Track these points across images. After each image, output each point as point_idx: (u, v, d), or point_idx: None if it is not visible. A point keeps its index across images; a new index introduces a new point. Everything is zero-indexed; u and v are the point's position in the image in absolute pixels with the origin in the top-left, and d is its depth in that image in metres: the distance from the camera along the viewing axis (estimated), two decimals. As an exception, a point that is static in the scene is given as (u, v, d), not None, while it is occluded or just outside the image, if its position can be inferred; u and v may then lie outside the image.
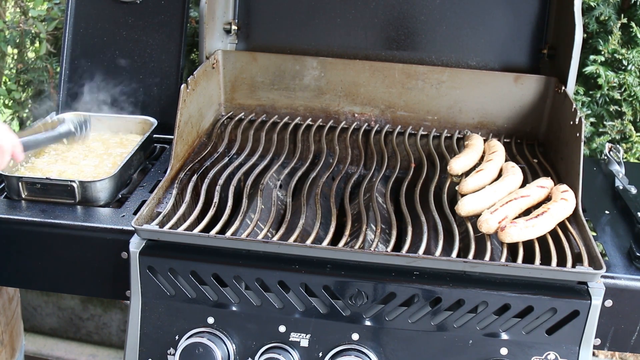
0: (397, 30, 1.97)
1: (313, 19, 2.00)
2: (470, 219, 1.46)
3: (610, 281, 1.35)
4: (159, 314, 1.34)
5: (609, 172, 1.82)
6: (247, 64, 1.95)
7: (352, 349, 1.29)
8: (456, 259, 1.30)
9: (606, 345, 1.40)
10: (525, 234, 1.36)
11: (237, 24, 2.00)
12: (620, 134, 2.27)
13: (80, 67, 1.99)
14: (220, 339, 1.32)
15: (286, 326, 1.31)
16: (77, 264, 1.50)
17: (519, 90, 1.88)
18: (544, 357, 1.28)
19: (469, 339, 1.28)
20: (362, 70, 1.92)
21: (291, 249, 1.32)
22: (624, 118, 2.22)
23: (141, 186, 1.65)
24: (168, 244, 1.35)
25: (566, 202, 1.44)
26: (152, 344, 1.35)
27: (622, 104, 2.22)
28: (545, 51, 1.90)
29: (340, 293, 1.29)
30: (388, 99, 1.94)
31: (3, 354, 1.19)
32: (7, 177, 1.55)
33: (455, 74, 1.90)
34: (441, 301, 1.27)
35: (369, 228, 1.53)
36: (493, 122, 1.92)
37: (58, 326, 3.01)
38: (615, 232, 1.55)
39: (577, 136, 1.52)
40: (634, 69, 2.16)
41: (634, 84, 2.16)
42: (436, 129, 1.92)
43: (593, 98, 2.24)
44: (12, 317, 1.22)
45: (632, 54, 2.15)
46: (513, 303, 1.25)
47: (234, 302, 1.32)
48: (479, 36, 1.94)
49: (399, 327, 1.29)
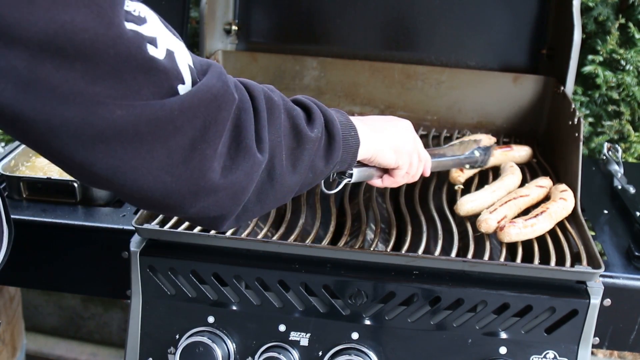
0: (396, 31, 1.98)
1: (313, 19, 2.00)
2: (469, 218, 1.47)
3: (609, 280, 1.35)
4: (160, 313, 1.35)
5: (607, 172, 1.83)
6: (247, 64, 1.95)
7: (351, 348, 1.30)
8: (455, 258, 1.31)
9: (605, 344, 1.41)
10: (524, 234, 1.37)
11: (237, 24, 2.00)
12: (619, 134, 2.27)
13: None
14: (220, 338, 1.32)
15: (286, 325, 1.31)
16: (78, 264, 1.50)
17: (518, 91, 1.89)
18: (543, 356, 1.28)
19: (468, 338, 1.29)
20: (361, 71, 1.93)
21: (291, 249, 1.32)
22: (622, 118, 2.23)
23: (142, 186, 1.65)
24: (168, 244, 1.35)
25: (565, 201, 1.45)
26: (153, 343, 1.36)
27: (620, 104, 2.22)
28: (545, 51, 1.90)
29: (340, 292, 1.29)
30: (388, 99, 1.94)
31: (4, 352, 1.20)
32: (8, 177, 1.55)
33: (455, 74, 1.90)
34: (440, 300, 1.27)
35: (369, 228, 1.53)
36: (492, 122, 1.92)
37: (59, 325, 3.01)
38: (613, 232, 1.55)
39: (576, 136, 1.53)
40: (632, 69, 2.16)
41: (632, 84, 2.17)
42: (436, 129, 1.93)
43: (591, 98, 2.24)
44: (14, 317, 1.23)
45: (630, 54, 2.15)
46: (512, 302, 1.26)
47: (234, 301, 1.33)
48: (478, 37, 1.95)
49: (399, 326, 1.29)
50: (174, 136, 0.77)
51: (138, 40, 0.74)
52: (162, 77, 0.76)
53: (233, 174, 0.86)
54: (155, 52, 0.76)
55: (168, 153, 0.78)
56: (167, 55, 0.78)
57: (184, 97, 0.78)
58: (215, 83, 0.82)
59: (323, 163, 1.03)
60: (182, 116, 0.77)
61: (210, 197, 0.86)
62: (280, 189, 0.96)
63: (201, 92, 0.80)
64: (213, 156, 0.82)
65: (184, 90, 0.79)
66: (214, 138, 0.81)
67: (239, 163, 0.86)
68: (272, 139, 0.91)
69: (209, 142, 0.81)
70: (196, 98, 0.79)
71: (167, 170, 0.79)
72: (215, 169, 0.83)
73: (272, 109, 0.92)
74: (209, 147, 0.81)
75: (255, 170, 0.88)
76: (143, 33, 0.75)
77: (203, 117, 0.79)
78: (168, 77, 0.77)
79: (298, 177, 0.98)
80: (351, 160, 1.11)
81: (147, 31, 0.76)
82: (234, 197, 0.89)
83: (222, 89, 0.82)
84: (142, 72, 0.74)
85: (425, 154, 1.34)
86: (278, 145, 0.93)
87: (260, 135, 0.89)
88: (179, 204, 0.85)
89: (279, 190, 0.96)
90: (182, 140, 0.78)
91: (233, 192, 0.88)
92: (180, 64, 0.80)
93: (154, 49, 0.76)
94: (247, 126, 0.87)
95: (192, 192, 0.83)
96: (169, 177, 0.80)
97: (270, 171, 0.93)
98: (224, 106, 0.82)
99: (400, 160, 1.22)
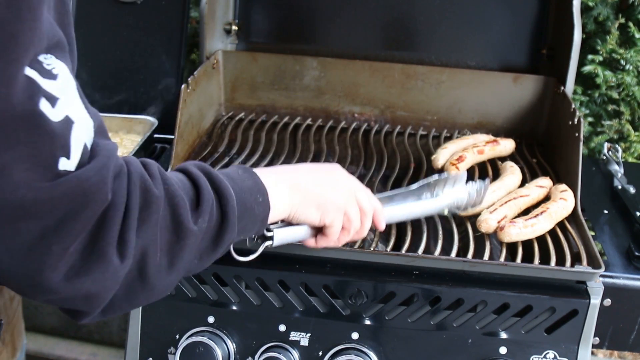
0: (396, 31, 1.98)
1: (313, 19, 2.00)
2: (469, 218, 1.47)
3: (609, 280, 1.35)
4: (160, 313, 1.35)
5: (607, 172, 1.83)
6: (247, 64, 1.95)
7: (351, 348, 1.30)
8: (455, 258, 1.31)
9: (605, 344, 1.41)
10: (524, 234, 1.36)
11: (237, 24, 2.00)
12: (618, 134, 2.27)
13: (81, 67, 1.99)
14: (220, 338, 1.32)
15: (286, 325, 1.32)
16: (78, 264, 1.50)
17: (518, 91, 1.88)
18: (543, 356, 1.28)
19: (468, 338, 1.29)
20: (361, 71, 1.93)
21: (291, 249, 1.32)
22: (622, 117, 2.23)
23: (142, 186, 1.65)
24: (169, 244, 1.35)
25: (565, 201, 1.45)
26: (153, 343, 1.36)
27: (620, 103, 2.22)
28: (545, 51, 1.90)
29: (340, 292, 1.29)
30: (388, 99, 1.94)
31: (4, 352, 1.20)
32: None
33: (455, 74, 1.90)
34: (440, 300, 1.27)
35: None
36: (492, 122, 1.92)
37: (59, 325, 3.01)
38: (613, 232, 1.55)
39: (576, 136, 1.53)
40: (632, 68, 2.16)
41: (631, 83, 2.17)
42: (436, 129, 1.93)
43: (591, 97, 2.25)
44: (14, 317, 1.23)
45: (630, 54, 2.15)
46: (512, 302, 1.26)
47: (234, 301, 1.33)
48: (478, 37, 1.95)
49: (399, 326, 1.30)
50: (26, 220, 0.69)
51: (32, 89, 0.67)
52: (46, 141, 0.69)
53: (79, 279, 0.75)
54: (48, 110, 0.68)
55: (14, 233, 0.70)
56: (63, 122, 0.70)
57: (52, 184, 0.70)
58: (91, 177, 0.73)
59: (211, 247, 0.93)
60: (43, 204, 0.69)
61: (53, 295, 0.76)
62: (152, 288, 0.85)
63: (71, 183, 0.71)
64: (60, 255, 0.72)
65: (64, 166, 0.71)
66: (67, 235, 0.72)
67: (89, 269, 0.75)
68: (142, 241, 0.80)
69: (60, 237, 0.72)
70: (63, 187, 0.70)
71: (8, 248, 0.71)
72: (59, 269, 0.73)
73: (148, 205, 0.81)
74: (58, 244, 0.72)
75: (108, 278, 0.77)
76: (42, 85, 0.68)
77: (64, 210, 0.71)
78: (53, 143, 0.69)
79: (176, 274, 0.88)
80: (259, 227, 1.02)
81: (49, 87, 0.69)
82: (85, 301, 0.79)
83: (96, 187, 0.73)
84: (25, 127, 0.67)
85: (371, 203, 1.17)
86: (152, 244, 0.82)
87: (123, 238, 0.77)
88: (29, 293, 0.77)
89: (152, 289, 0.86)
90: (34, 226, 0.70)
91: (81, 298, 0.78)
92: (75, 137, 0.72)
93: (49, 108, 0.69)
94: (110, 227, 0.76)
95: (29, 285, 0.74)
96: (7, 258, 0.71)
97: (142, 271, 0.82)
98: (91, 205, 0.73)
99: (327, 217, 1.10)
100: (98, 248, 0.75)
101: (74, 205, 0.71)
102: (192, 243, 0.87)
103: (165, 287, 0.89)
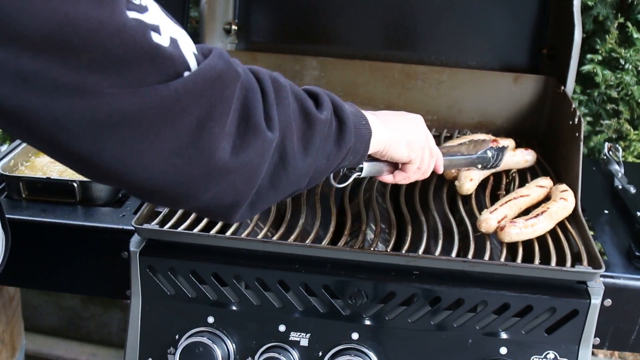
0: (396, 30, 1.98)
1: (313, 19, 2.00)
2: (469, 218, 1.47)
3: (610, 280, 1.35)
4: (159, 314, 1.35)
5: (608, 172, 1.83)
6: (247, 64, 1.93)
7: (351, 348, 1.30)
8: (456, 258, 1.31)
9: (605, 345, 1.41)
10: (524, 234, 1.36)
11: (237, 24, 2.00)
12: (617, 133, 2.27)
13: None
14: (220, 338, 1.32)
15: (286, 325, 1.31)
16: (78, 264, 1.50)
17: (519, 90, 1.88)
18: (544, 356, 1.28)
19: (468, 338, 1.28)
20: (361, 70, 1.92)
21: (291, 249, 1.32)
22: (621, 117, 2.23)
23: (141, 186, 1.65)
24: (168, 244, 1.35)
25: (565, 201, 1.45)
26: (152, 343, 1.36)
27: (619, 102, 2.22)
28: (545, 51, 1.90)
29: (340, 292, 1.29)
30: (388, 99, 1.94)
31: (4, 353, 1.20)
32: (8, 177, 1.55)
33: (455, 73, 1.90)
34: (441, 300, 1.27)
35: (369, 227, 1.53)
36: (492, 122, 1.92)
37: (58, 325, 3.01)
38: (614, 232, 1.55)
39: (577, 136, 1.53)
40: (631, 68, 2.16)
41: (631, 82, 2.17)
42: (436, 129, 1.92)
43: (590, 97, 2.24)
44: (13, 317, 1.23)
45: (629, 53, 2.15)
46: (512, 302, 1.26)
47: (234, 301, 1.33)
48: (478, 36, 1.95)
49: (399, 326, 1.29)
50: (181, 117, 0.77)
51: (142, 28, 0.73)
52: (169, 64, 0.76)
53: (244, 153, 0.85)
54: (159, 39, 0.75)
55: (176, 135, 0.77)
56: (172, 43, 0.77)
57: (188, 78, 0.77)
58: (218, 62, 0.82)
59: (335, 148, 1.01)
60: (187, 96, 0.77)
61: (223, 180, 0.85)
62: (293, 172, 0.94)
63: (204, 72, 0.79)
64: (221, 135, 0.81)
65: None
66: (220, 116, 0.81)
67: (249, 141, 0.85)
68: (282, 118, 0.90)
69: (216, 120, 0.80)
70: (200, 77, 0.78)
71: (177, 152, 0.78)
72: (225, 149, 0.82)
73: (279, 90, 0.91)
74: (217, 126, 0.80)
75: (266, 149, 0.87)
76: (146, 21, 0.74)
77: (208, 96, 0.79)
78: (174, 63, 0.77)
79: (311, 160, 0.96)
80: (364, 150, 1.08)
81: (149, 19, 0.75)
82: (247, 178, 0.88)
83: (225, 67, 0.82)
84: (148, 60, 0.73)
85: (437, 150, 1.30)
86: (289, 126, 0.91)
87: (269, 114, 0.88)
88: (192, 191, 0.84)
89: (292, 174, 0.94)
90: (189, 120, 0.78)
91: (245, 173, 0.87)
92: (185, 51, 0.79)
93: (158, 37, 0.75)
94: (255, 104, 0.86)
95: (204, 174, 0.82)
96: (179, 160, 0.79)
97: (282, 154, 0.91)
98: (228, 84, 0.82)
99: (413, 154, 1.19)
100: (252, 124, 0.85)
101: (214, 89, 0.80)
102: (321, 130, 0.96)
103: (302, 172, 0.96)
